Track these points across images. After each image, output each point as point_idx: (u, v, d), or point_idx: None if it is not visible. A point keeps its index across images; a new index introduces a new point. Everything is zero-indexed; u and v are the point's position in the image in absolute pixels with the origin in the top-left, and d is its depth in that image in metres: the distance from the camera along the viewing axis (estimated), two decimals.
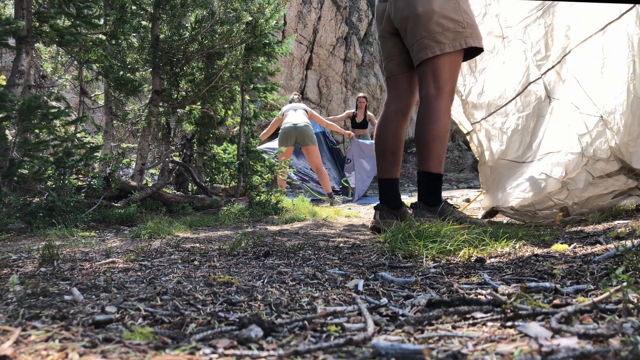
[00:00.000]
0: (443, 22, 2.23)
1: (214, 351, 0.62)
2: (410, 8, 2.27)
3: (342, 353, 0.61)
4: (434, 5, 2.23)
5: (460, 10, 2.28)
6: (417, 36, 2.27)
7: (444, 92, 2.28)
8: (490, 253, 1.45)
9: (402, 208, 2.40)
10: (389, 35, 2.48)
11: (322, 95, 12.03)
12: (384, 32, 2.49)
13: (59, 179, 2.73)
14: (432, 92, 2.29)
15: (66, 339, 0.66)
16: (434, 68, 2.27)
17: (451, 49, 2.24)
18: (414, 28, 2.27)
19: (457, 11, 2.27)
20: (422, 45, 2.26)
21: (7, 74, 3.18)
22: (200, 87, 4.14)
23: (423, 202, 2.28)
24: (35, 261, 1.44)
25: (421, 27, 2.25)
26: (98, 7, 3.19)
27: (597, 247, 1.42)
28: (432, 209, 2.22)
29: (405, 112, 2.51)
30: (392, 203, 2.41)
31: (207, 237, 2.16)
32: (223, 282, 1.10)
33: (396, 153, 2.49)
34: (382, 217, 2.37)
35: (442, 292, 1.00)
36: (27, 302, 0.88)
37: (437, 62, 2.26)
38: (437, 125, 2.26)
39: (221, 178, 4.65)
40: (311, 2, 11.92)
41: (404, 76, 2.50)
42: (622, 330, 0.61)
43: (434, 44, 2.24)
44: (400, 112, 2.50)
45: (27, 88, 2.97)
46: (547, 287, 0.94)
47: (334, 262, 1.43)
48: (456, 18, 2.26)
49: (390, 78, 2.56)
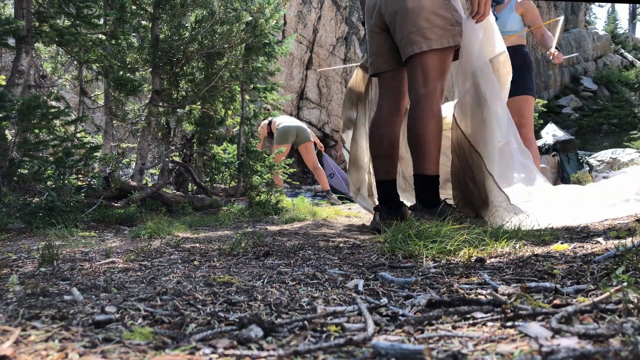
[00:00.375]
0: (432, 18, 2.21)
1: (213, 351, 0.62)
2: (400, 3, 2.25)
3: (342, 353, 0.61)
4: (423, 1, 2.21)
5: (450, 7, 2.26)
6: (406, 31, 2.25)
7: (434, 92, 2.25)
8: (491, 253, 1.45)
9: (402, 208, 2.39)
10: (379, 31, 2.45)
11: (322, 95, 12.02)
12: (374, 28, 2.46)
13: (58, 179, 2.73)
14: (422, 92, 2.25)
15: (66, 339, 0.66)
16: (423, 66, 2.24)
17: (439, 45, 2.21)
18: (403, 23, 2.25)
19: (447, 8, 2.25)
20: (410, 40, 2.24)
21: (7, 73, 3.18)
22: (200, 87, 4.14)
23: (422, 204, 2.26)
24: (35, 261, 1.43)
25: (410, 23, 2.23)
26: (98, 7, 3.19)
27: (597, 247, 1.42)
28: (432, 210, 2.21)
29: (398, 112, 2.49)
30: (391, 204, 2.41)
31: (207, 237, 2.16)
32: (223, 282, 1.10)
33: (392, 155, 2.47)
34: (382, 218, 2.36)
35: (442, 292, 1.00)
36: (26, 302, 0.88)
37: (425, 60, 2.23)
38: (429, 126, 2.22)
39: (221, 178, 4.65)
40: (311, 2, 11.91)
41: (394, 74, 2.46)
42: (623, 331, 0.61)
43: (421, 40, 2.21)
44: (394, 113, 2.47)
45: (27, 88, 2.97)
46: (547, 287, 0.94)
47: (334, 262, 1.43)
48: (445, 15, 2.24)
49: (379, 76, 2.52)
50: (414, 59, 2.26)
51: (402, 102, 2.51)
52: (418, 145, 2.26)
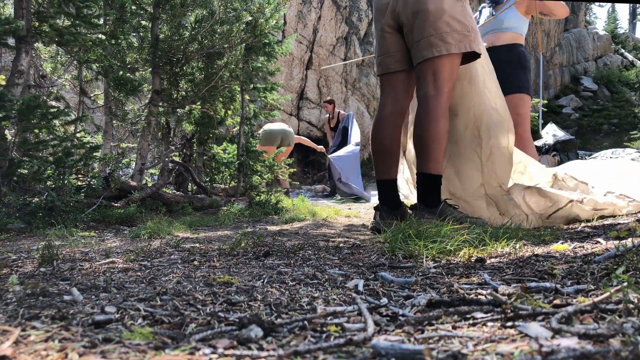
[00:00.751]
0: (452, 22, 2.23)
1: (213, 351, 0.62)
2: (420, 4, 2.25)
3: (342, 353, 0.61)
4: (444, 4, 2.23)
5: (467, 13, 2.29)
6: (425, 33, 2.25)
7: (443, 93, 2.27)
8: (491, 253, 1.45)
9: (402, 208, 2.40)
10: (391, 30, 2.44)
11: (322, 95, 12.02)
12: (385, 27, 2.45)
13: (58, 178, 2.73)
14: (431, 92, 2.27)
15: (66, 339, 0.66)
16: (435, 68, 2.26)
17: (457, 50, 2.23)
18: (423, 24, 2.26)
19: (464, 14, 2.28)
20: (429, 43, 2.25)
21: (7, 73, 3.18)
22: (200, 87, 4.14)
23: (422, 203, 2.27)
24: (35, 261, 1.43)
25: (430, 25, 2.24)
26: (98, 7, 3.19)
27: (598, 247, 1.42)
28: (432, 210, 2.21)
29: (401, 113, 2.49)
30: (391, 203, 2.41)
31: (206, 237, 2.16)
32: (223, 282, 1.10)
33: (393, 154, 2.47)
34: (382, 218, 2.36)
35: (442, 292, 1.00)
36: (26, 302, 0.88)
37: (439, 62, 2.25)
38: (436, 126, 2.23)
39: (221, 178, 4.65)
40: (311, 2, 11.92)
41: (402, 75, 2.46)
42: (623, 331, 0.61)
43: (440, 43, 2.23)
44: (397, 113, 2.46)
45: (27, 88, 2.97)
46: (547, 287, 0.94)
47: (334, 262, 1.43)
48: (463, 20, 2.26)
49: (385, 76, 2.50)
50: (428, 61, 2.27)
51: (406, 103, 2.51)
52: (423, 144, 2.27)
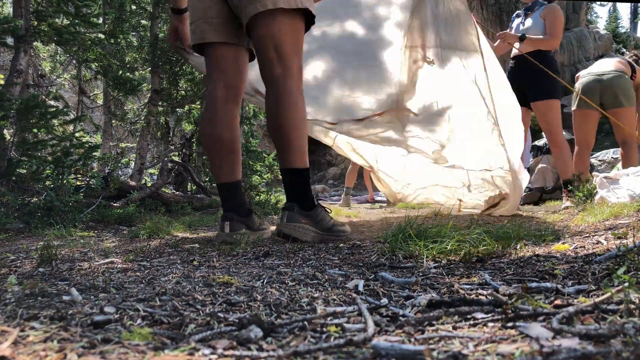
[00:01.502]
0: None
1: (213, 352, 0.62)
2: None
3: (342, 354, 0.61)
4: None
5: None
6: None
7: (292, 70, 1.92)
8: (491, 253, 1.45)
9: (252, 215, 2.09)
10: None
11: None
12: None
13: (57, 178, 2.73)
14: (278, 71, 1.90)
15: (65, 339, 0.66)
16: (275, 42, 1.89)
17: (286, 5, 1.85)
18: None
19: None
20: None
21: (6, 73, 3.17)
22: (200, 86, 4.14)
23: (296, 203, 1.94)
24: (34, 261, 1.43)
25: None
26: (97, 6, 3.19)
27: (599, 247, 1.42)
28: (309, 213, 1.93)
29: (236, 98, 2.09)
30: (240, 210, 2.05)
31: (206, 237, 2.15)
32: (222, 282, 1.09)
33: (235, 150, 2.07)
34: (232, 229, 1.96)
35: (442, 293, 1.00)
36: (25, 302, 0.88)
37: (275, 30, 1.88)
38: (293, 112, 1.89)
39: None
40: None
41: (227, 49, 2.04)
42: (624, 331, 0.61)
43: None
44: (231, 99, 2.05)
45: (26, 87, 2.97)
46: (548, 288, 0.93)
47: (333, 262, 1.43)
48: None
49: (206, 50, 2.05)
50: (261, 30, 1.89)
51: (240, 85, 2.11)
52: (282, 134, 1.92)
